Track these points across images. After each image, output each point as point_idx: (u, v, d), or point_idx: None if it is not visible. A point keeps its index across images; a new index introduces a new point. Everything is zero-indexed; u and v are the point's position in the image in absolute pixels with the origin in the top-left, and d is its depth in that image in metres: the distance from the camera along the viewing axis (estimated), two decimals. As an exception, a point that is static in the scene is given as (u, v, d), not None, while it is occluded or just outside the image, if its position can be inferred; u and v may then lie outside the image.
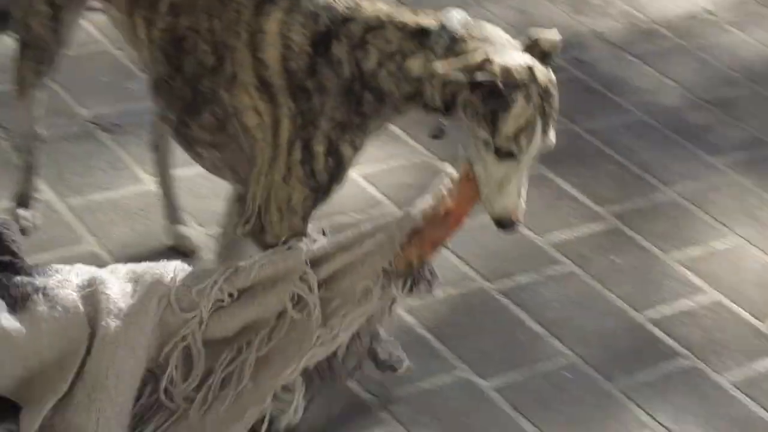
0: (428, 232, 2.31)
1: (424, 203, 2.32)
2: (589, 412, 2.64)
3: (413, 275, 2.35)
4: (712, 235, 3.25)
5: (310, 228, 2.43)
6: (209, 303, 2.37)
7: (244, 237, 2.45)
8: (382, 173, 3.36)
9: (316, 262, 2.35)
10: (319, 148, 2.34)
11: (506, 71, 2.19)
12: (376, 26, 2.30)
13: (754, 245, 3.22)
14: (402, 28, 2.29)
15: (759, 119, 3.77)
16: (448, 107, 2.27)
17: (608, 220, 3.25)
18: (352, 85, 2.32)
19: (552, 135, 2.26)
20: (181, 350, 2.38)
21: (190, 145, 2.54)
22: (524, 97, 2.20)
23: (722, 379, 2.77)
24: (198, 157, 2.56)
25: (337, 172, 2.37)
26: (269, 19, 2.35)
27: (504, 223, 2.28)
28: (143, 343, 2.35)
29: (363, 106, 2.33)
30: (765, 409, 2.70)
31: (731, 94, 3.87)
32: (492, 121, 2.22)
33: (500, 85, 2.18)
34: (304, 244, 2.37)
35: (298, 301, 2.35)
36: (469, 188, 2.28)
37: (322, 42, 2.33)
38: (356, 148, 2.37)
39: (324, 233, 2.44)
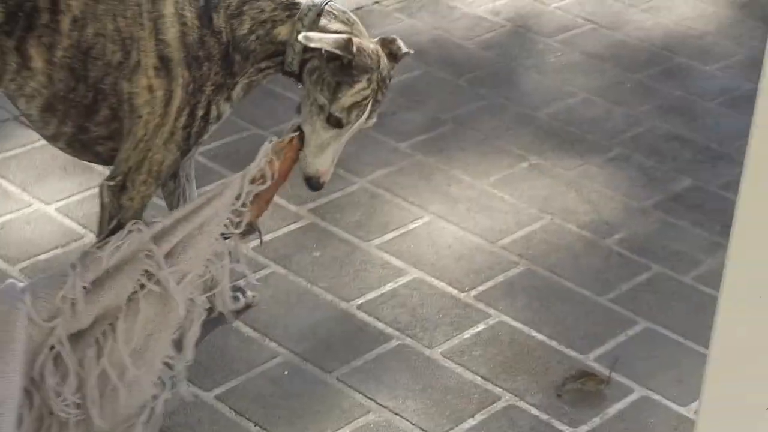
0: (262, 193, 2.57)
1: (253, 168, 2.56)
2: (310, 404, 2.72)
3: (252, 231, 2.62)
4: (406, 217, 3.38)
5: None
6: (70, 305, 2.45)
7: (105, 192, 2.66)
8: (75, 204, 3.36)
9: (158, 239, 2.50)
10: (200, 112, 2.62)
11: (361, 53, 2.56)
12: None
13: (446, 220, 3.37)
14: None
15: (435, 99, 3.93)
16: (299, 72, 2.63)
17: (306, 217, 3.34)
18: (227, 50, 2.61)
19: (374, 119, 2.66)
20: (52, 359, 2.45)
21: (87, 147, 2.72)
22: (367, 80, 2.58)
23: (432, 352, 2.90)
24: (95, 156, 2.75)
25: (202, 134, 2.66)
26: (165, 3, 2.60)
27: (312, 183, 2.67)
28: (17, 368, 2.40)
29: (234, 66, 2.62)
30: (474, 373, 2.85)
31: (409, 79, 4.03)
32: (334, 91, 2.58)
33: (354, 62, 2.54)
34: (143, 225, 2.52)
35: (149, 278, 2.48)
36: (293, 151, 2.61)
37: (206, 14, 2.61)
38: (220, 109, 2.66)
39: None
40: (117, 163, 2.64)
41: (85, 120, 2.65)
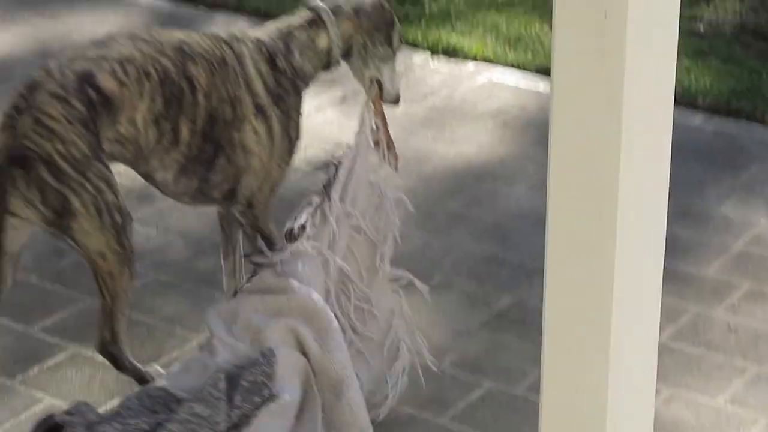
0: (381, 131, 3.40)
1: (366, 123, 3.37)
2: None
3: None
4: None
5: None
6: None
7: (240, 215, 3.41)
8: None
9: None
10: (293, 133, 3.40)
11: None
12: (287, 34, 3.40)
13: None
14: (300, 25, 3.41)
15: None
16: (344, 56, 3.46)
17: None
18: (295, 80, 3.39)
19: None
20: None
21: (206, 194, 3.39)
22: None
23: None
24: (211, 200, 3.43)
25: (295, 149, 3.43)
26: (246, 62, 3.33)
27: (398, 98, 3.55)
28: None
29: (301, 90, 3.42)
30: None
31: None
32: (387, 40, 3.47)
33: (394, 15, 3.50)
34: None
35: None
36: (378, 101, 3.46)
37: (271, 61, 3.37)
38: (300, 124, 3.43)
39: None
40: (240, 192, 3.37)
41: (206, 172, 3.31)
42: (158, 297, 3.83)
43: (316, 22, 3.42)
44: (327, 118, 4.92)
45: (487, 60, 5.45)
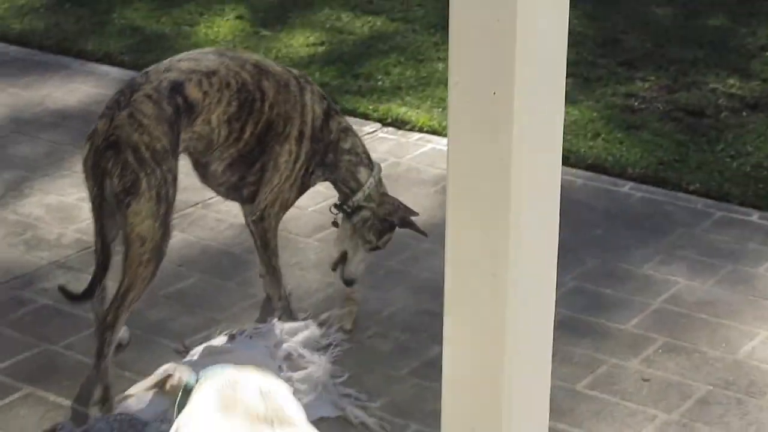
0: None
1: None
2: None
3: None
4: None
5: None
6: None
7: (252, 225, 3.92)
8: None
9: None
10: (310, 169, 3.92)
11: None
12: (346, 131, 4.00)
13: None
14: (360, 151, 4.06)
15: (209, 303, 4.21)
16: (352, 213, 4.02)
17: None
18: (328, 147, 3.94)
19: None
20: None
21: (238, 190, 3.92)
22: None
23: None
24: (240, 197, 3.95)
25: (308, 184, 3.98)
26: (306, 95, 3.87)
27: (352, 283, 4.09)
28: None
29: (325, 158, 3.94)
30: None
31: (185, 287, 4.30)
32: (380, 234, 4.06)
33: (397, 223, 4.08)
34: None
35: None
36: None
37: (326, 114, 3.93)
38: (316, 173, 3.98)
39: None
40: (257, 203, 3.88)
41: (246, 171, 3.84)
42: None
43: (371, 163, 4.04)
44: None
45: (433, 131, 5.60)
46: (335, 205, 4.10)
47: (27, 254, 4.48)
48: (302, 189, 3.96)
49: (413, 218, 4.12)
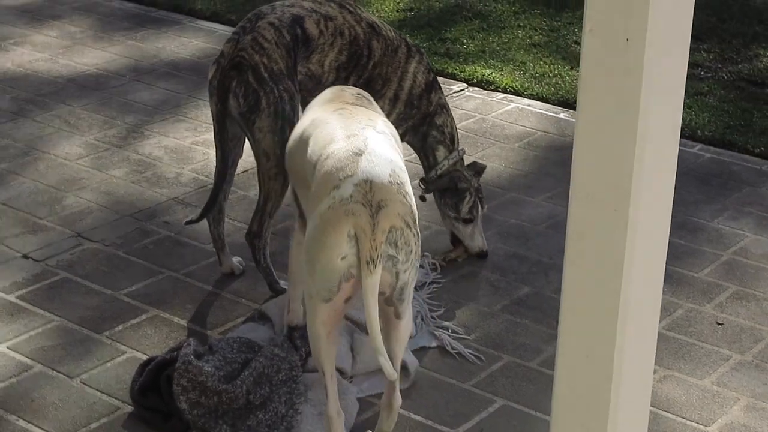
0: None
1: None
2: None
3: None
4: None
5: None
6: None
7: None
8: (24, 341, 3.51)
9: None
10: (408, 136, 3.95)
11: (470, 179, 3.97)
12: (443, 108, 3.94)
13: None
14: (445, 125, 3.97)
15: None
16: (427, 190, 4.00)
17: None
18: (424, 118, 3.90)
19: (485, 208, 4.00)
20: None
21: None
22: (469, 193, 3.93)
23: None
24: None
25: None
26: (411, 64, 3.83)
27: (482, 255, 3.98)
28: None
29: (417, 123, 3.92)
30: (368, 449, 3.05)
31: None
32: (455, 206, 3.94)
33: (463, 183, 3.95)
34: None
35: None
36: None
37: (429, 86, 3.87)
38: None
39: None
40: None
41: None
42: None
43: (453, 145, 3.96)
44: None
45: (515, 92, 5.52)
46: (421, 179, 4.03)
47: (149, 190, 4.46)
48: None
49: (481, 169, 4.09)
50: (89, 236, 4.10)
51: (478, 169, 4.04)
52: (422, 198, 4.03)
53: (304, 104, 3.83)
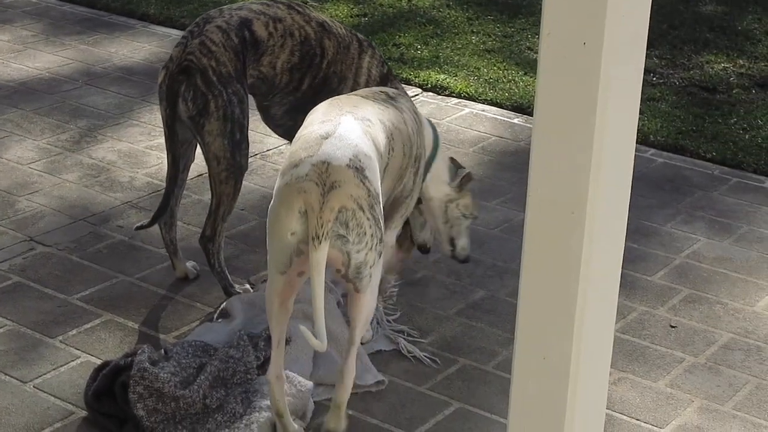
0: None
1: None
2: None
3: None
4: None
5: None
6: None
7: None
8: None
9: None
10: None
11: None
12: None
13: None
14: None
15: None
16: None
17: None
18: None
19: None
20: None
21: (289, 133, 3.68)
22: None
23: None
24: (287, 136, 3.84)
25: None
26: (364, 59, 3.79)
27: (423, 249, 3.85)
28: None
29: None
30: (325, 453, 3.04)
31: (247, 229, 4.25)
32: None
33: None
34: None
35: None
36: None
37: (383, 78, 3.82)
38: None
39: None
40: None
41: (298, 116, 3.47)
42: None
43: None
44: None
45: (469, 97, 5.54)
46: None
47: (102, 194, 4.43)
48: None
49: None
50: (42, 240, 4.07)
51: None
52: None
53: (259, 107, 3.83)
